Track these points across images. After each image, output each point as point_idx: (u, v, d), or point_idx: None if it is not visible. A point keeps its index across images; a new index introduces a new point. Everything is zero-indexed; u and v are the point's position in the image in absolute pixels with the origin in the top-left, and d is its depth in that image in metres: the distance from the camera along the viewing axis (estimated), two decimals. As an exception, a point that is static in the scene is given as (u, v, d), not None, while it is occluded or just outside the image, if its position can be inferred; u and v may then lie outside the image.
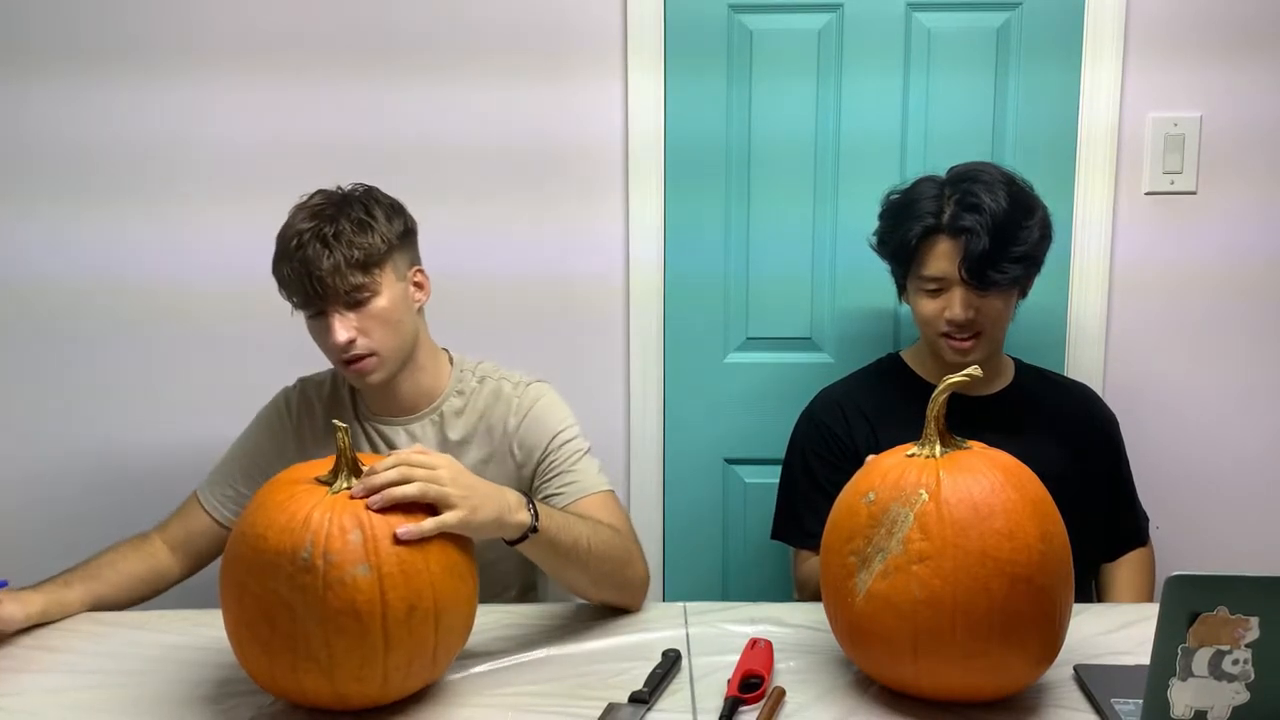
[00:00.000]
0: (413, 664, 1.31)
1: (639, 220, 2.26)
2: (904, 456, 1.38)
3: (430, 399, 1.77)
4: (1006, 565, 1.28)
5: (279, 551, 1.27)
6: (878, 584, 1.31)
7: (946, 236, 1.79)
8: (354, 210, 1.65)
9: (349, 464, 1.34)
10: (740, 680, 1.39)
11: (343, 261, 1.60)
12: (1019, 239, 1.78)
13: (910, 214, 1.83)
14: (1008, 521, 1.29)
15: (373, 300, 1.64)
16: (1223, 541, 2.31)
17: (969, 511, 1.29)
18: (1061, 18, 2.21)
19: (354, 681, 1.28)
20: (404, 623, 1.28)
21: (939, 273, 1.80)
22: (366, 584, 1.26)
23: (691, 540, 2.36)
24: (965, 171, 1.84)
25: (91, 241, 2.26)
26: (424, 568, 1.30)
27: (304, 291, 1.62)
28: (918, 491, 1.31)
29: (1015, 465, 1.37)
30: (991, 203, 1.77)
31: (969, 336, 1.83)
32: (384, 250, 1.65)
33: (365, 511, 1.30)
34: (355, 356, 1.65)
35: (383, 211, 1.68)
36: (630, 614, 1.64)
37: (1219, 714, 1.20)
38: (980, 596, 1.27)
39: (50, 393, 2.31)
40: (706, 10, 2.23)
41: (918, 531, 1.29)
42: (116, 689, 1.42)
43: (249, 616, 1.29)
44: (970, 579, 1.27)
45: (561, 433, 1.76)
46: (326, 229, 1.62)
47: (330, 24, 2.22)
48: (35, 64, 2.21)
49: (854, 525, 1.35)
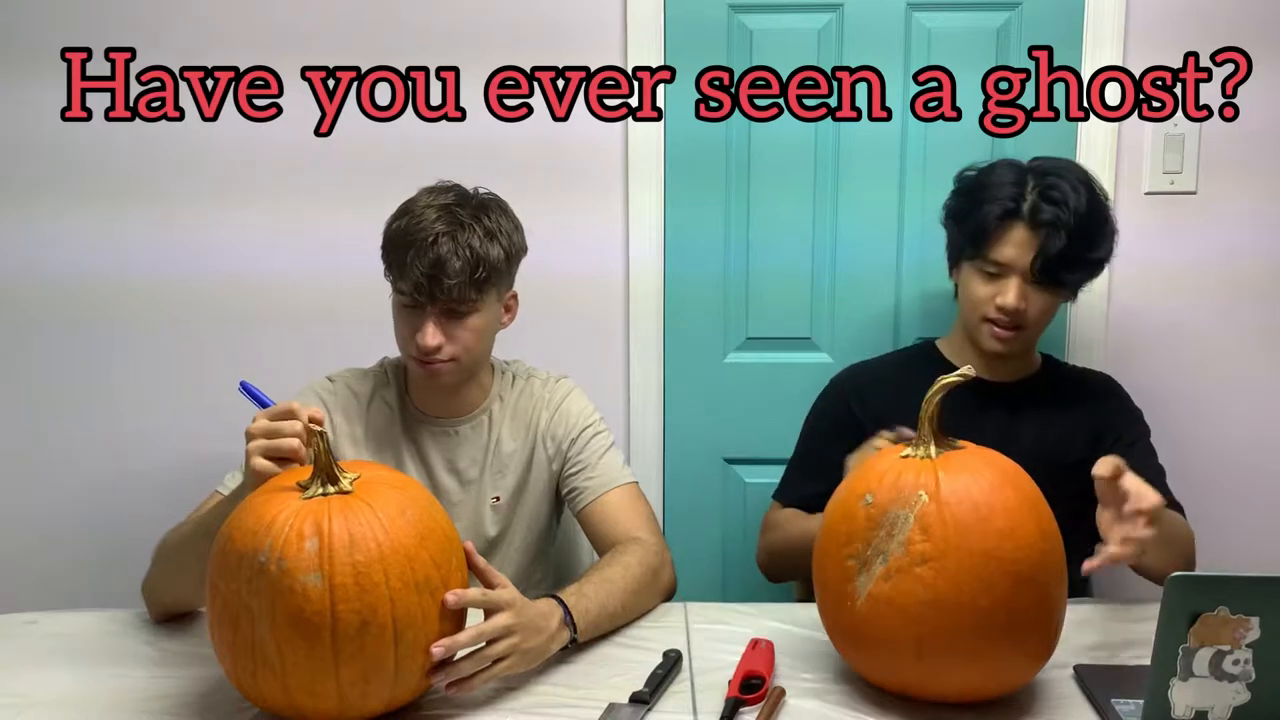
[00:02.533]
0: (369, 682, 1.26)
1: (639, 220, 2.26)
2: (899, 458, 1.37)
3: (477, 403, 1.79)
4: (1009, 564, 1.28)
5: (241, 554, 1.25)
6: (879, 587, 1.30)
7: (1024, 225, 1.76)
8: (486, 220, 1.65)
9: (324, 469, 1.31)
10: (741, 681, 1.39)
11: (469, 272, 1.60)
12: (1095, 244, 1.78)
13: (990, 195, 1.79)
14: (1008, 520, 1.29)
15: (471, 316, 1.65)
16: (1223, 541, 2.30)
17: (970, 511, 1.29)
18: (1061, 18, 2.21)
19: (308, 695, 1.25)
20: (355, 638, 1.23)
21: (1005, 259, 1.77)
22: (316, 594, 1.22)
23: (691, 540, 2.36)
24: (1049, 165, 1.82)
25: (91, 241, 2.27)
26: (381, 581, 1.24)
27: (419, 286, 1.61)
28: (917, 493, 1.31)
29: (1009, 464, 1.37)
30: (1075, 201, 1.75)
31: (1012, 326, 1.81)
32: (502, 270, 1.66)
33: (328, 519, 1.25)
34: (435, 360, 1.66)
35: (509, 226, 1.69)
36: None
37: (1220, 714, 1.20)
38: (984, 596, 1.27)
39: (51, 392, 2.32)
40: (706, 10, 2.23)
41: (919, 533, 1.29)
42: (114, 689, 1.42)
43: (218, 617, 1.28)
44: (974, 579, 1.27)
45: (588, 427, 1.79)
46: (461, 234, 1.61)
47: (329, 24, 2.22)
48: (36, 64, 2.22)
49: (852, 528, 1.34)
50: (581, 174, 2.26)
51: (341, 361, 1.85)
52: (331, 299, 2.27)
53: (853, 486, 1.39)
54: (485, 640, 1.34)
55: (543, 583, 1.86)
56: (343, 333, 2.25)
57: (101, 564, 2.27)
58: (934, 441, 1.36)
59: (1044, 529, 1.32)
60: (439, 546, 1.32)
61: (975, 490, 1.30)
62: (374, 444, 1.76)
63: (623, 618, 1.57)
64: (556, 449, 1.79)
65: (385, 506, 1.29)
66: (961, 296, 1.88)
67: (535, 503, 1.80)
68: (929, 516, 1.29)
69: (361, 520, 1.27)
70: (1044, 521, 1.33)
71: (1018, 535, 1.29)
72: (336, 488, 1.30)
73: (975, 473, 1.33)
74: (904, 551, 1.29)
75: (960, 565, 1.27)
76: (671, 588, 1.71)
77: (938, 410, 1.37)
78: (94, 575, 2.27)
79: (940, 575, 1.28)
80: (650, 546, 1.67)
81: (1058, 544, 1.34)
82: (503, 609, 1.36)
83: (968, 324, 1.87)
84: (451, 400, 1.76)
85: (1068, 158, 1.87)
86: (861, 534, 1.33)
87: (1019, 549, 1.28)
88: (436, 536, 1.32)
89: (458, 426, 1.78)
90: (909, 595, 1.29)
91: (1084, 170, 1.83)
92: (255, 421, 1.40)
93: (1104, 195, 1.84)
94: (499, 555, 1.79)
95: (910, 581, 1.29)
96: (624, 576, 1.58)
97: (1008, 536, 1.28)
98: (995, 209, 1.77)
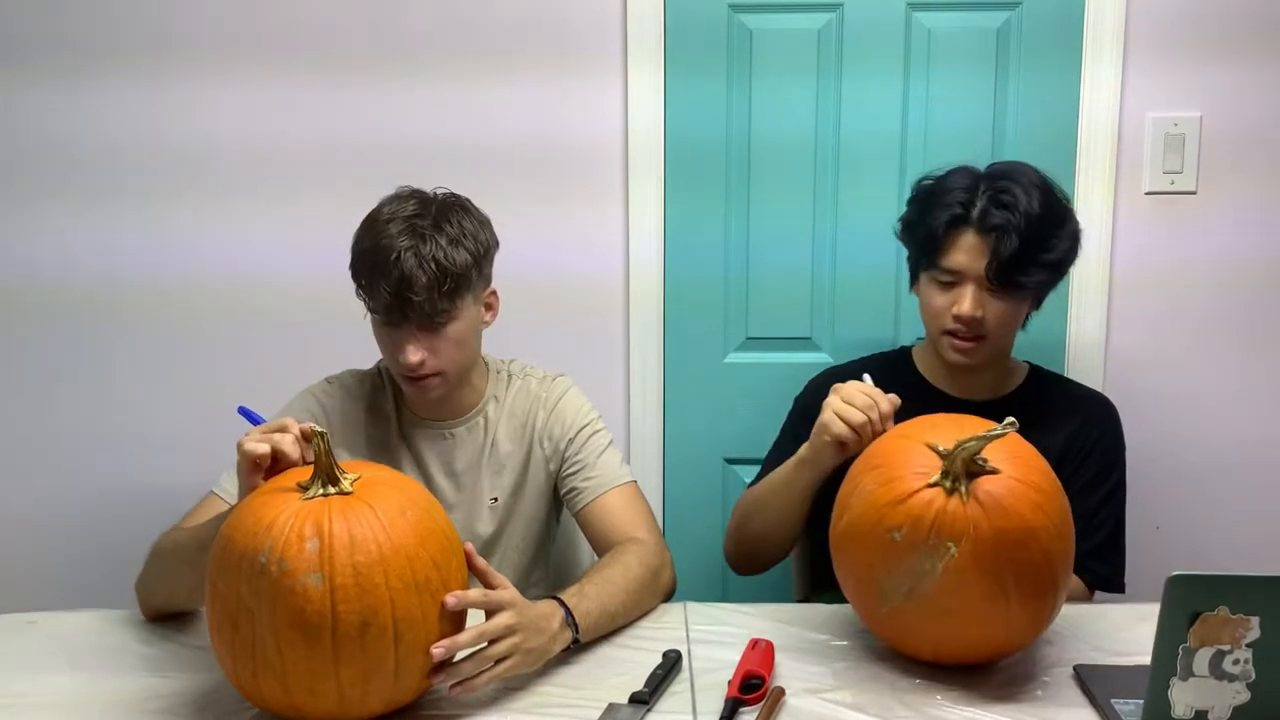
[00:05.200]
0: (369, 681, 1.26)
1: (639, 220, 2.26)
2: (932, 487, 1.37)
3: (472, 405, 1.78)
4: (1041, 536, 1.35)
5: (242, 554, 1.24)
6: (902, 607, 1.38)
7: (974, 231, 1.73)
8: (448, 226, 1.62)
9: (325, 470, 1.30)
10: (741, 681, 1.38)
11: (436, 285, 1.58)
12: (1048, 245, 1.74)
13: (940, 202, 1.77)
14: (1042, 515, 1.36)
15: (449, 325, 1.64)
16: (1223, 541, 2.31)
17: (1004, 518, 1.34)
18: (1061, 18, 2.21)
19: (308, 694, 1.25)
20: (355, 638, 1.23)
21: (957, 266, 1.75)
22: (317, 594, 1.22)
23: (691, 540, 2.36)
24: (1002, 169, 1.79)
25: (91, 241, 2.27)
26: (381, 582, 1.24)
27: (388, 307, 1.60)
28: (945, 545, 1.33)
29: (1028, 451, 1.44)
30: (1026, 204, 1.71)
31: (972, 337, 1.78)
32: (473, 274, 1.64)
33: (329, 520, 1.25)
34: (421, 375, 1.65)
35: (473, 227, 1.66)
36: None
37: (1220, 714, 1.20)
38: (1000, 629, 1.39)
39: (51, 392, 2.32)
40: (706, 10, 2.23)
41: (946, 586, 1.34)
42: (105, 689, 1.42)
43: (218, 617, 1.28)
44: (993, 625, 1.38)
45: (585, 426, 1.78)
46: (423, 247, 1.58)
47: (329, 24, 2.22)
48: (34, 64, 2.22)
49: (876, 552, 1.39)
50: (581, 174, 2.25)
51: (343, 363, 1.85)
52: (332, 300, 2.25)
53: (880, 510, 1.38)
54: (487, 640, 1.34)
55: (542, 582, 1.86)
56: (343, 334, 2.22)
57: (101, 564, 2.27)
58: (964, 476, 1.36)
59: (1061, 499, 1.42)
60: (439, 547, 1.32)
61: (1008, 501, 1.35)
62: (370, 447, 1.76)
63: (623, 618, 1.57)
64: (554, 448, 1.79)
65: (386, 507, 1.29)
66: (921, 309, 1.85)
67: (533, 503, 1.80)
68: (956, 574, 1.33)
69: (362, 521, 1.27)
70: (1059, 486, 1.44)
71: (1050, 513, 1.37)
72: (337, 488, 1.30)
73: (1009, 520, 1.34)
74: (928, 596, 1.35)
75: (983, 616, 1.37)
76: (672, 588, 1.70)
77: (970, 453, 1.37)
78: (94, 575, 2.27)
79: (963, 625, 1.38)
80: (650, 547, 1.67)
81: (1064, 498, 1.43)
82: (504, 609, 1.36)
83: (930, 339, 1.85)
84: (446, 403, 1.76)
85: (1028, 163, 1.82)
86: (886, 561, 1.37)
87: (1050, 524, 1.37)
88: (437, 537, 1.32)
89: (453, 428, 1.77)
90: (931, 624, 1.39)
91: (1040, 174, 1.79)
92: (248, 435, 1.40)
93: (1062, 197, 1.80)
94: (497, 555, 1.79)
95: (932, 620, 1.38)
96: (624, 577, 1.58)
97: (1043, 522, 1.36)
98: (943, 215, 1.74)
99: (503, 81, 2.22)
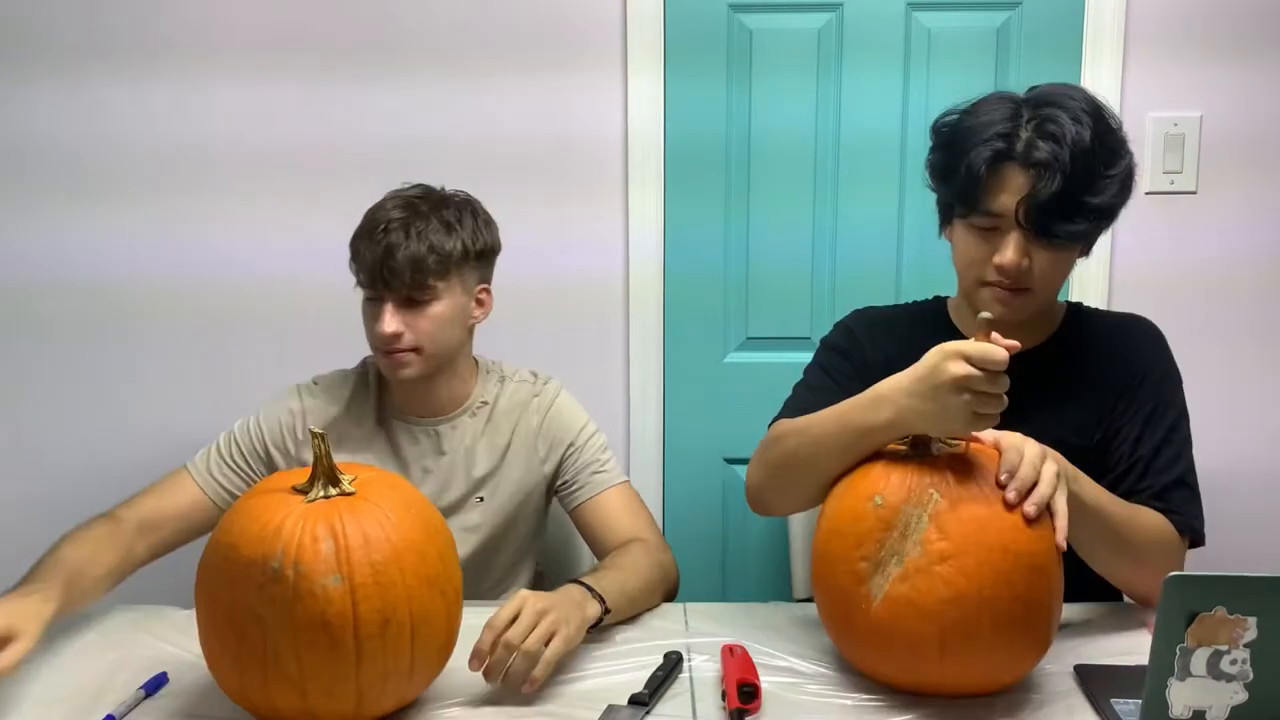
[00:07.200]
0: (388, 680, 1.27)
1: (639, 220, 2.27)
2: (902, 458, 1.38)
3: (459, 402, 1.79)
4: (1025, 557, 1.29)
5: (250, 561, 1.23)
6: (897, 587, 1.30)
7: (1019, 167, 1.48)
8: (446, 212, 1.68)
9: (325, 472, 1.30)
10: (735, 691, 1.37)
11: (418, 258, 1.63)
12: (1095, 187, 1.48)
13: (979, 136, 1.50)
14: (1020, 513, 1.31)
15: (431, 305, 1.66)
16: (1222, 541, 2.30)
17: (984, 508, 1.30)
18: (1061, 18, 2.21)
19: (326, 697, 1.24)
20: (377, 636, 1.24)
21: (999, 208, 1.49)
22: (338, 595, 1.22)
23: (691, 540, 2.36)
24: (1047, 94, 1.53)
25: (90, 241, 2.27)
26: (399, 579, 1.25)
27: (372, 274, 1.64)
28: (929, 492, 1.31)
29: None
30: (1077, 134, 1.46)
31: (1016, 289, 1.54)
32: (459, 260, 1.67)
33: (339, 520, 1.25)
34: (397, 349, 1.66)
35: (472, 222, 1.70)
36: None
37: (1217, 714, 1.20)
38: (1004, 589, 1.29)
39: (54, 391, 2.32)
40: (706, 10, 2.23)
41: (935, 532, 1.29)
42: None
43: (220, 629, 1.26)
44: (994, 574, 1.28)
45: (584, 427, 1.80)
46: (415, 223, 1.64)
47: (329, 24, 2.22)
48: (34, 63, 2.22)
49: (861, 530, 1.34)
50: (582, 174, 2.26)
51: (343, 362, 1.85)
52: (333, 299, 2.26)
53: (855, 489, 1.38)
54: (519, 638, 1.34)
55: (529, 583, 1.86)
56: (343, 333, 2.24)
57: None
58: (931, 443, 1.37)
59: (1045, 519, 1.33)
60: (443, 542, 1.34)
61: (988, 487, 1.32)
62: (351, 445, 1.76)
63: (641, 604, 1.59)
64: (550, 451, 1.79)
65: (391, 505, 1.30)
66: (956, 258, 1.60)
67: (521, 502, 1.80)
68: (944, 515, 1.30)
69: (372, 520, 1.27)
70: None
71: (1031, 527, 1.30)
72: (339, 489, 1.30)
73: (982, 468, 1.33)
74: (921, 551, 1.30)
75: (980, 561, 1.28)
76: (675, 586, 1.72)
77: None
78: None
79: (960, 572, 1.28)
80: (654, 545, 1.70)
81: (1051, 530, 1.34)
82: (525, 604, 1.37)
83: (964, 292, 1.62)
84: (431, 400, 1.76)
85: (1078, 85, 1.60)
86: (873, 535, 1.33)
87: (1032, 540, 1.30)
88: (439, 533, 1.34)
89: (438, 426, 1.77)
90: (930, 594, 1.29)
91: (1089, 96, 1.53)
92: None
93: (1117, 125, 1.54)
94: (484, 554, 1.78)
95: (930, 580, 1.29)
96: (634, 565, 1.61)
97: (1022, 529, 1.30)
98: (985, 151, 1.48)
99: (503, 82, 2.23)
